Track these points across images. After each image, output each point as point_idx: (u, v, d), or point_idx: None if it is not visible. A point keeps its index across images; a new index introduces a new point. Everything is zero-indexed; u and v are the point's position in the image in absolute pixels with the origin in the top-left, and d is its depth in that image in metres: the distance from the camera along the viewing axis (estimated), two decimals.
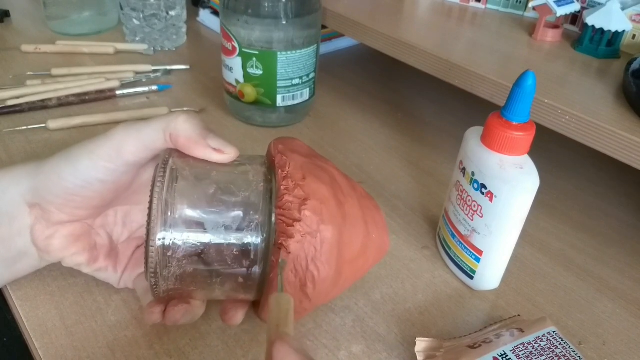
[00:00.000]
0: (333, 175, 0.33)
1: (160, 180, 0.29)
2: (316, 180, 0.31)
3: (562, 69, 0.49)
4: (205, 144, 0.31)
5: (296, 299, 0.31)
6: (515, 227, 0.38)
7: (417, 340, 0.35)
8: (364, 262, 0.34)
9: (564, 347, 0.33)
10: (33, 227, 0.33)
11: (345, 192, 0.33)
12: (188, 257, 0.29)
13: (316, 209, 0.30)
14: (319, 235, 0.30)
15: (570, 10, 0.52)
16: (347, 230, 0.32)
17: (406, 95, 0.71)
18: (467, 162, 0.38)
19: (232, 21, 0.53)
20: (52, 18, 0.76)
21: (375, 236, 0.34)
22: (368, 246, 0.33)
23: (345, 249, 0.32)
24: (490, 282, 0.41)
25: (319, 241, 0.30)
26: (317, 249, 0.30)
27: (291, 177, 0.31)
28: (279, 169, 0.31)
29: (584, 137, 0.41)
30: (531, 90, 0.34)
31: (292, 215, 0.30)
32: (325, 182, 0.32)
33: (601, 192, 0.55)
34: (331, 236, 0.30)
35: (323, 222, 0.30)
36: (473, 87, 0.47)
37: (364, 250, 0.33)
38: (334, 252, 0.31)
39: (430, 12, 0.61)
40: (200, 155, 0.31)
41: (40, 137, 0.54)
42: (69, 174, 0.32)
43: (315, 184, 0.31)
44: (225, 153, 0.32)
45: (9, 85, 0.61)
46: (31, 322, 0.36)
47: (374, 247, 0.34)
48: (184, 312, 0.32)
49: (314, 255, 0.30)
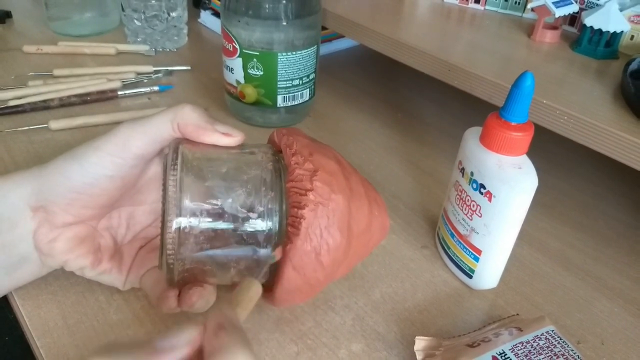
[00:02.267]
0: (336, 155, 0.35)
1: (173, 162, 0.30)
2: (323, 156, 0.33)
3: (560, 69, 0.49)
4: (213, 129, 0.32)
5: (311, 269, 0.31)
6: (513, 227, 0.38)
7: (416, 339, 0.35)
8: (369, 238, 0.35)
9: (563, 346, 0.34)
10: (36, 231, 0.33)
11: (349, 170, 0.35)
12: (204, 235, 0.30)
13: (326, 180, 0.31)
14: (331, 205, 0.31)
15: (568, 11, 0.53)
16: (354, 203, 0.33)
17: (406, 96, 0.71)
18: (466, 162, 0.38)
19: (232, 22, 0.53)
20: (53, 19, 0.77)
21: (377, 214, 0.35)
22: (372, 223, 0.35)
23: (353, 221, 0.33)
24: (489, 281, 0.41)
25: (331, 210, 0.31)
26: (329, 218, 0.31)
27: (299, 154, 0.32)
28: (287, 148, 0.33)
29: (582, 138, 0.41)
30: (530, 91, 0.34)
31: (304, 186, 0.31)
32: (331, 158, 0.33)
33: (599, 192, 0.55)
34: (342, 205, 0.32)
35: (333, 192, 0.31)
36: (472, 88, 0.48)
37: (369, 226, 0.34)
38: (344, 220, 0.32)
39: (429, 13, 0.61)
40: (209, 141, 0.32)
41: (42, 138, 0.55)
42: (76, 172, 0.32)
43: (323, 159, 0.32)
44: (233, 136, 0.33)
45: (11, 86, 0.62)
46: (33, 321, 0.36)
47: (377, 225, 0.35)
48: (198, 295, 0.31)
49: (327, 224, 0.31)
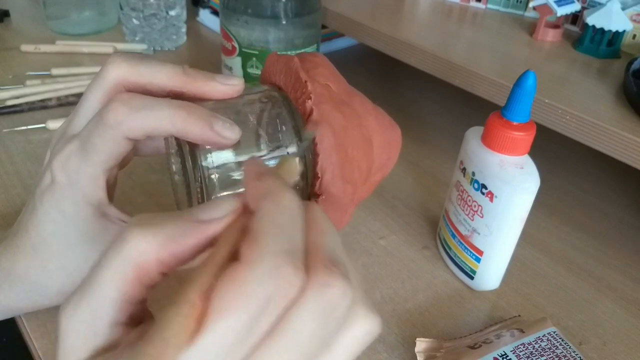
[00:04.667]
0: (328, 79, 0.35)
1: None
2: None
3: (562, 68, 0.48)
4: (211, 77, 0.30)
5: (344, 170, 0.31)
6: (515, 227, 0.38)
7: (417, 340, 0.35)
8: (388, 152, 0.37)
9: (565, 348, 0.33)
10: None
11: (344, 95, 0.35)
12: (229, 190, 0.29)
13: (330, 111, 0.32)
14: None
15: (570, 10, 0.52)
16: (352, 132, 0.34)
17: (406, 95, 0.70)
18: (468, 162, 0.38)
19: (231, 21, 0.53)
20: (51, 18, 0.76)
21: (387, 123, 0.38)
22: (390, 139, 0.37)
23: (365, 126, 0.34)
24: (490, 282, 0.41)
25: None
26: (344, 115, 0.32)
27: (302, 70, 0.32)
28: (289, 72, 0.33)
29: (584, 137, 0.41)
30: (531, 90, 0.34)
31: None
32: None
33: (602, 192, 0.55)
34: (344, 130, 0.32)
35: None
36: (473, 87, 0.47)
37: (387, 144, 0.36)
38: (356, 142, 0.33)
39: (430, 12, 0.61)
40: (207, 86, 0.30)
41: (40, 137, 0.54)
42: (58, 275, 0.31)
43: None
44: (234, 83, 0.30)
45: (9, 85, 0.61)
46: (31, 322, 0.36)
47: (391, 138, 0.37)
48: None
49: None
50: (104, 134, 0.27)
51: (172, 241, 0.19)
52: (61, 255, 0.30)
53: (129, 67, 0.29)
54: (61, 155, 0.29)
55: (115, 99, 0.27)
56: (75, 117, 0.30)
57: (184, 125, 0.27)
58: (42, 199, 0.30)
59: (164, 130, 0.27)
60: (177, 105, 0.27)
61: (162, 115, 0.27)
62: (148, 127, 0.27)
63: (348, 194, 0.32)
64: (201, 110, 0.27)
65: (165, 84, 0.29)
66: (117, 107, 0.27)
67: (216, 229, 0.20)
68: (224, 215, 0.20)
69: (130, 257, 0.19)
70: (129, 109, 0.27)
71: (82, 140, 0.28)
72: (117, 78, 0.29)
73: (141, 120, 0.27)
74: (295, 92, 0.32)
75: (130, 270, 0.19)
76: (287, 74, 0.33)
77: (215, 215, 0.20)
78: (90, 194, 0.29)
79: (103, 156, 0.28)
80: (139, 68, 0.29)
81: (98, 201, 0.29)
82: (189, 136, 0.27)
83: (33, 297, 0.32)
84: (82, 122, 0.29)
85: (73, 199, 0.29)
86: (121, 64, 0.29)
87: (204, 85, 0.29)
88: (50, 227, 0.30)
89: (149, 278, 0.19)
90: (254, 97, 0.32)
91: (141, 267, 0.19)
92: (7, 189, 0.47)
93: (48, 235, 0.30)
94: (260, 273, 0.17)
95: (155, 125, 0.27)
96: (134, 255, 0.19)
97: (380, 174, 0.37)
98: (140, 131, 0.27)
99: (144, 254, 0.19)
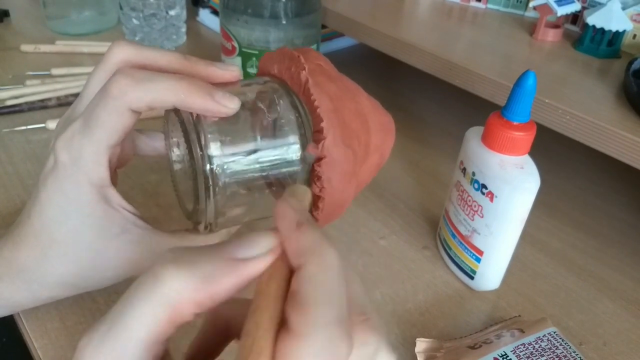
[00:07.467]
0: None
1: (186, 115, 0.30)
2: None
3: (562, 68, 0.48)
4: (206, 62, 0.31)
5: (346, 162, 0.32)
6: (515, 227, 0.37)
7: (417, 340, 0.35)
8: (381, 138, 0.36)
9: (565, 348, 0.33)
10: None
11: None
12: (236, 176, 0.30)
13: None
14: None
15: (570, 10, 0.52)
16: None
17: (406, 95, 0.70)
18: (468, 162, 0.38)
19: (231, 21, 0.53)
20: (51, 17, 0.76)
21: (380, 108, 0.38)
22: (384, 123, 0.37)
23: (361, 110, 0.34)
24: (490, 282, 0.41)
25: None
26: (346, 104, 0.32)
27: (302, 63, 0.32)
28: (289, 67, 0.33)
29: (584, 137, 0.41)
30: (532, 90, 0.34)
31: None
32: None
33: (602, 192, 0.55)
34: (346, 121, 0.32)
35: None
36: (473, 87, 0.47)
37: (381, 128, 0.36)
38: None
39: (430, 12, 0.61)
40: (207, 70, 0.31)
41: (40, 137, 0.54)
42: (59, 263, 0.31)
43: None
44: (232, 70, 0.32)
45: (8, 85, 0.61)
46: (31, 322, 0.36)
47: (385, 122, 0.37)
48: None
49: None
50: (107, 106, 0.28)
51: (209, 282, 0.18)
52: (62, 243, 0.30)
53: (132, 49, 0.30)
54: (64, 134, 0.29)
55: (119, 71, 0.28)
56: (79, 101, 0.31)
57: (186, 96, 0.28)
58: (46, 182, 0.30)
59: (166, 101, 0.28)
60: (179, 77, 0.28)
61: (164, 86, 0.28)
62: (151, 97, 0.28)
63: (350, 161, 0.31)
64: (201, 82, 0.29)
65: (167, 66, 0.30)
66: (120, 78, 0.27)
67: (254, 269, 0.19)
68: (261, 254, 0.19)
69: (165, 298, 0.18)
70: (133, 80, 0.27)
71: (85, 117, 0.29)
72: (121, 60, 0.30)
73: (144, 91, 0.27)
74: (290, 70, 0.32)
75: (164, 311, 0.18)
76: (280, 61, 0.33)
77: (252, 253, 0.19)
78: (92, 172, 0.29)
79: (107, 130, 0.29)
80: (142, 51, 0.30)
81: (100, 180, 0.30)
82: (191, 106, 0.28)
83: (33, 287, 0.32)
84: (86, 106, 0.30)
85: (75, 178, 0.29)
86: (125, 47, 0.30)
87: (204, 70, 0.31)
88: (52, 212, 0.30)
89: (182, 319, 0.19)
90: (252, 83, 0.33)
91: (175, 308, 0.18)
92: (7, 189, 0.47)
93: (50, 221, 0.30)
94: (316, 348, 0.17)
95: (158, 96, 0.28)
96: (170, 296, 0.18)
97: (378, 154, 0.36)
98: (144, 102, 0.28)
99: (180, 296, 0.18)
